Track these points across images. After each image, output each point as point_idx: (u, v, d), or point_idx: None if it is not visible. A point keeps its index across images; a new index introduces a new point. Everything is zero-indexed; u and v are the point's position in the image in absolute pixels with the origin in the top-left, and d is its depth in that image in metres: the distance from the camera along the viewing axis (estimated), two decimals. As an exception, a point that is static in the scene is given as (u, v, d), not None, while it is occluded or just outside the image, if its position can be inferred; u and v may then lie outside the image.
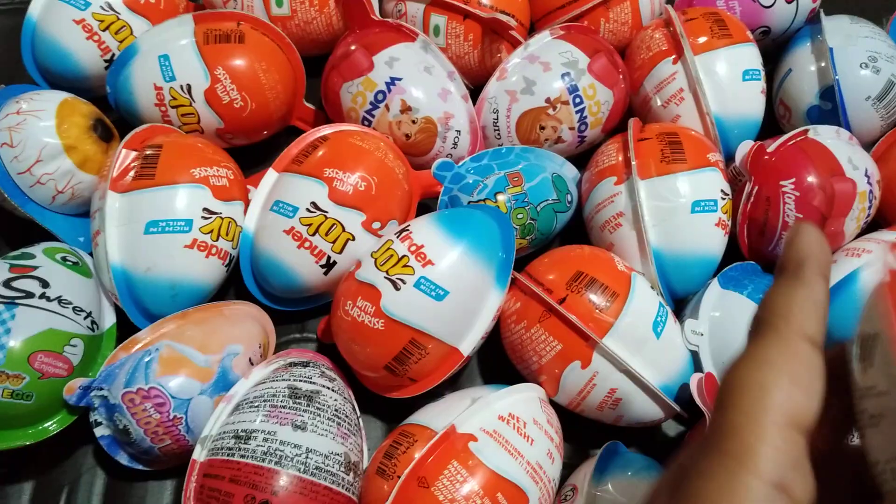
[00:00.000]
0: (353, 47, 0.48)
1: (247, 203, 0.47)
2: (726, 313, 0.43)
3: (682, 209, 0.44)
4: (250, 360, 0.42)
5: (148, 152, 0.45)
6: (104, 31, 0.50)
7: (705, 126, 0.49)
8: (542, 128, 0.49)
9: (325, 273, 0.44)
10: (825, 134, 0.47)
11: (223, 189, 0.45)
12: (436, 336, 0.40)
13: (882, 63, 0.49)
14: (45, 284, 0.41)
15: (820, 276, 0.19)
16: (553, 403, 0.42)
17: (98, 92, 0.51)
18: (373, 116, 0.48)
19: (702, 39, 0.49)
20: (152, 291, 0.43)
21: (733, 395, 0.17)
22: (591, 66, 0.49)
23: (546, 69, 0.49)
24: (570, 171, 0.49)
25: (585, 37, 0.51)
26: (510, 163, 0.47)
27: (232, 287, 0.49)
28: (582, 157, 0.51)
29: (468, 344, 0.41)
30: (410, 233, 0.41)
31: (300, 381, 0.39)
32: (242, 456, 0.36)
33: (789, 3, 0.53)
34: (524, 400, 0.40)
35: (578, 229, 0.49)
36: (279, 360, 0.42)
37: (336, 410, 0.39)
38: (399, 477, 0.36)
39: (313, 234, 0.43)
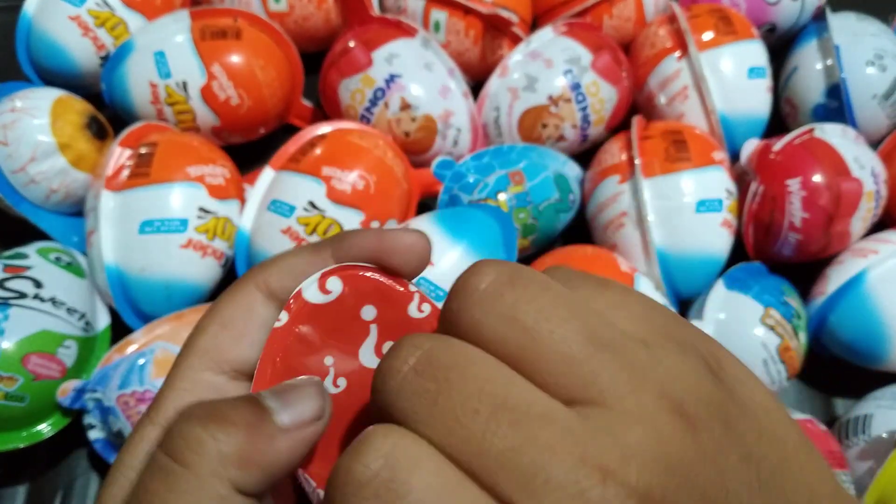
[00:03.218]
0: (351, 44, 0.48)
1: (243, 202, 0.46)
2: (732, 315, 0.42)
3: (686, 208, 0.43)
4: (247, 361, 0.42)
5: (143, 150, 0.44)
6: (99, 27, 0.49)
7: (710, 124, 0.48)
8: (545, 126, 0.48)
9: (324, 273, 0.43)
10: (831, 132, 0.47)
11: (219, 188, 0.44)
12: (436, 338, 0.39)
13: (888, 61, 0.48)
14: (38, 285, 0.40)
15: (330, 251, 0.18)
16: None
17: (93, 89, 0.50)
18: (372, 114, 0.47)
19: (707, 36, 0.49)
20: (147, 292, 0.42)
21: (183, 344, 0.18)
22: (595, 63, 0.48)
23: (548, 66, 0.48)
24: (572, 170, 0.49)
25: (588, 33, 0.50)
26: (512, 161, 0.46)
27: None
28: (585, 155, 0.51)
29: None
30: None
31: (297, 383, 0.39)
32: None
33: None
34: None
35: (581, 229, 0.49)
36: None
37: (334, 413, 0.39)
38: None
39: (311, 234, 0.42)
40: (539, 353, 0.14)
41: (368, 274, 0.18)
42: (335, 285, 0.18)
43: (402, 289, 0.18)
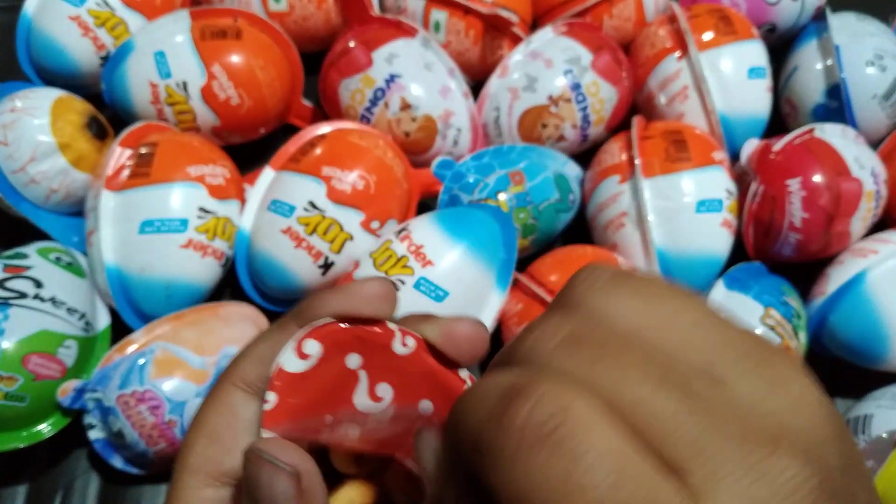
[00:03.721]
0: (351, 44, 0.48)
1: (243, 202, 0.46)
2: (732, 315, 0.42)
3: (686, 208, 0.43)
4: (247, 361, 0.42)
5: (143, 150, 0.44)
6: (100, 27, 0.49)
7: (710, 124, 0.48)
8: (545, 126, 0.48)
9: (323, 273, 0.43)
10: (831, 132, 0.47)
11: (219, 188, 0.44)
12: (436, 338, 0.39)
13: (888, 61, 0.48)
14: (38, 285, 0.40)
15: (294, 324, 0.18)
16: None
17: (93, 89, 0.50)
18: (372, 114, 0.47)
19: (707, 36, 0.49)
20: (147, 292, 0.42)
21: (175, 460, 0.18)
22: (595, 63, 0.48)
23: (548, 66, 0.48)
24: (572, 170, 0.49)
25: (588, 33, 0.50)
26: (512, 161, 0.46)
27: (228, 288, 0.48)
28: (585, 155, 0.51)
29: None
30: (410, 232, 0.41)
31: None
32: (238, 460, 0.35)
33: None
34: None
35: (581, 229, 0.49)
36: (276, 361, 0.41)
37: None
38: None
39: (311, 234, 0.42)
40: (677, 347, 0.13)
41: (343, 325, 0.18)
42: (312, 348, 0.17)
43: (380, 330, 0.18)
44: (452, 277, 0.39)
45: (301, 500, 0.15)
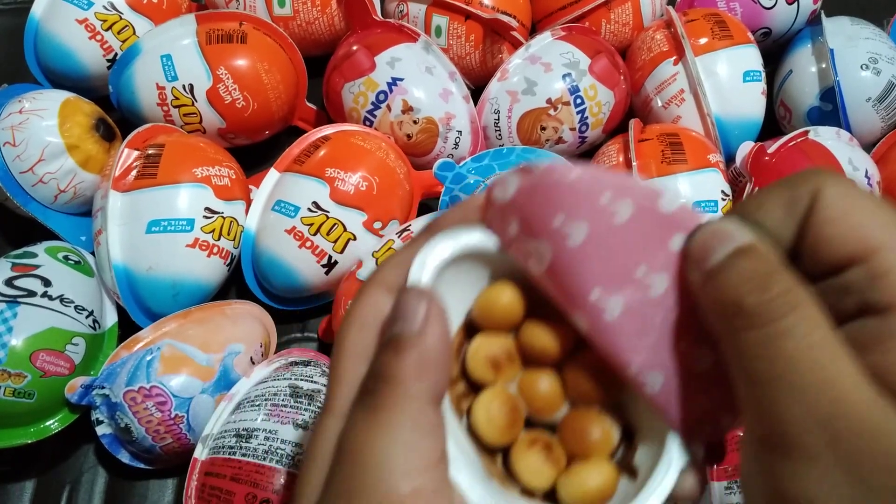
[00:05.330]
0: (354, 48, 0.49)
1: (248, 203, 0.47)
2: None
3: (682, 210, 0.44)
4: (251, 359, 0.42)
5: (150, 152, 0.45)
6: (107, 30, 0.50)
7: (706, 127, 0.49)
8: (543, 128, 0.49)
9: (327, 273, 0.44)
10: (825, 135, 0.47)
11: (225, 189, 0.45)
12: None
13: (882, 64, 0.49)
14: (46, 283, 0.41)
15: (428, 237, 0.20)
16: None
17: (100, 91, 0.51)
18: (374, 116, 0.48)
19: (703, 40, 0.50)
20: (154, 290, 0.43)
21: (332, 351, 0.20)
22: (593, 67, 0.49)
23: (547, 70, 0.49)
24: (570, 172, 0.49)
25: (587, 38, 0.51)
26: (511, 163, 0.47)
27: (233, 286, 0.49)
28: (583, 157, 0.51)
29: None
30: (411, 233, 0.41)
31: (301, 380, 0.40)
32: (244, 455, 0.36)
33: (790, 4, 0.53)
34: None
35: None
36: (280, 359, 0.42)
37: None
38: None
39: (315, 234, 0.43)
40: None
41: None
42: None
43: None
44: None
45: (429, 319, 0.18)
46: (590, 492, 0.18)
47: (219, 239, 0.44)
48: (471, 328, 0.21)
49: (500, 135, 0.50)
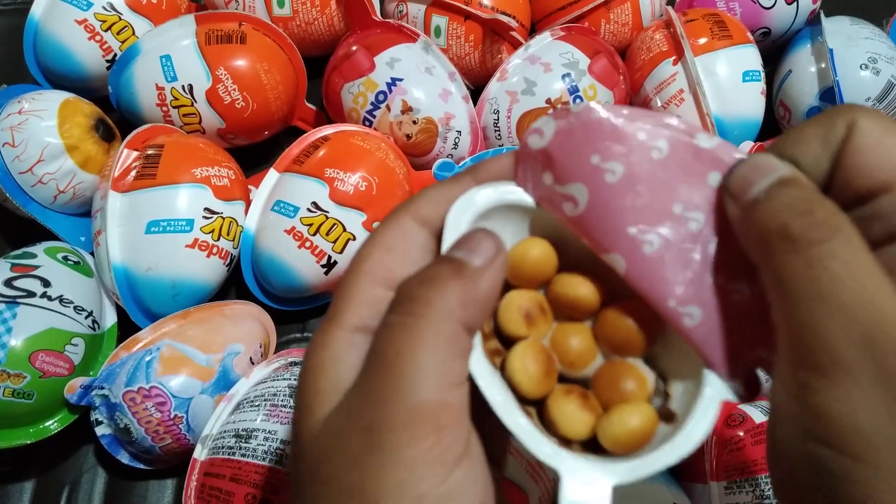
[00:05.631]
0: (354, 48, 0.49)
1: (248, 203, 0.47)
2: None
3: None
4: (251, 359, 0.42)
5: (149, 152, 0.45)
6: (106, 31, 0.50)
7: (705, 127, 0.49)
8: (543, 128, 0.49)
9: (326, 273, 0.44)
10: (825, 135, 0.47)
11: (224, 189, 0.45)
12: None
13: (882, 64, 0.49)
14: (46, 284, 0.41)
15: (470, 178, 0.20)
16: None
17: (100, 92, 0.51)
18: (374, 117, 0.48)
19: (702, 40, 0.50)
20: (153, 291, 0.43)
21: (347, 269, 0.20)
22: (592, 67, 0.49)
23: (547, 70, 0.49)
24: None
25: (586, 38, 0.51)
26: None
27: (233, 286, 0.49)
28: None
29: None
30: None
31: (301, 380, 0.40)
32: (243, 455, 0.36)
33: (790, 4, 0.53)
34: None
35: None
36: (280, 359, 0.42)
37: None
38: None
39: (314, 234, 0.43)
40: None
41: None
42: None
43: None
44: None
45: (494, 262, 0.18)
46: (632, 430, 0.18)
47: (218, 239, 0.44)
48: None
49: (499, 135, 0.50)
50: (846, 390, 0.15)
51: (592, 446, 0.19)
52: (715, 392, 0.19)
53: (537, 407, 0.20)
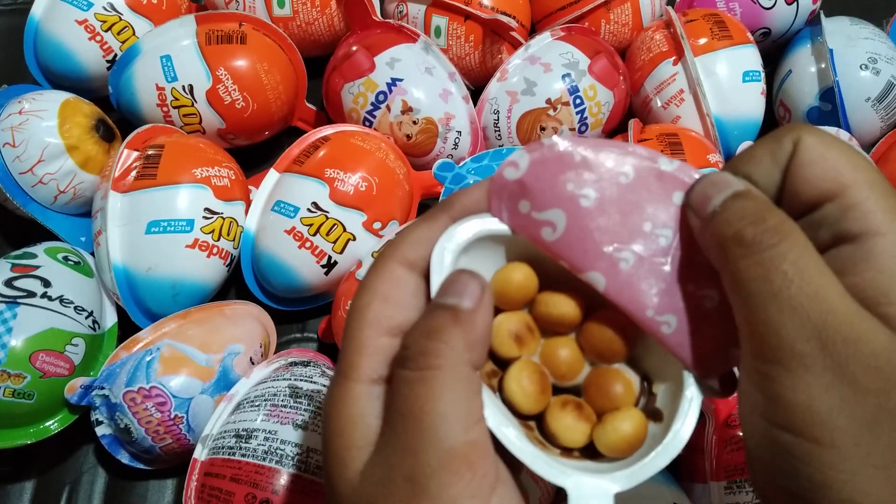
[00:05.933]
0: (354, 48, 0.49)
1: (248, 203, 0.47)
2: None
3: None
4: (251, 359, 0.42)
5: (150, 152, 0.45)
6: (106, 31, 0.50)
7: (705, 127, 0.49)
8: (543, 128, 0.49)
9: (326, 273, 0.44)
10: (825, 135, 0.47)
11: (225, 189, 0.45)
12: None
13: (882, 64, 0.49)
14: (46, 284, 0.41)
15: (446, 215, 0.21)
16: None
17: (100, 92, 0.51)
18: (374, 117, 0.48)
19: (702, 41, 0.50)
20: (153, 291, 0.43)
21: (346, 323, 0.21)
22: (592, 68, 0.49)
23: (547, 70, 0.49)
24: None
25: (586, 38, 0.51)
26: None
27: (233, 287, 0.49)
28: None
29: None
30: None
31: (301, 380, 0.40)
32: (243, 455, 0.36)
33: (790, 4, 0.53)
34: None
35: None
36: (280, 359, 0.42)
37: (337, 410, 0.39)
38: None
39: (314, 235, 0.43)
40: None
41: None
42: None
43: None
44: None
45: (482, 300, 0.20)
46: (625, 436, 0.20)
47: (218, 239, 0.44)
48: None
49: (499, 135, 0.50)
50: (801, 379, 0.17)
51: (592, 451, 0.21)
52: (694, 392, 0.21)
53: (537, 421, 0.21)
